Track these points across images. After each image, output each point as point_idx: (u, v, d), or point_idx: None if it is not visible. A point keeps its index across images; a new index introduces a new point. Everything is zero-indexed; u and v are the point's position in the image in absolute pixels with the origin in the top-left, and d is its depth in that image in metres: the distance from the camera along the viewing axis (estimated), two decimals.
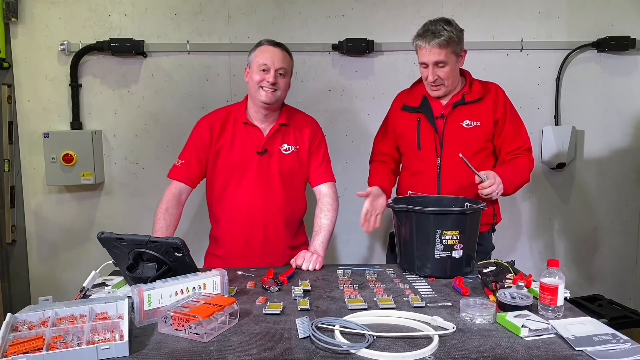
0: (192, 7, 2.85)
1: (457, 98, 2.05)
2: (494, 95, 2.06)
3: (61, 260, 2.95)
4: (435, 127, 2.06)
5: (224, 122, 2.05)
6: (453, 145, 2.03)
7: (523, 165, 2.02)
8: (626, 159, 3.05)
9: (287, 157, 2.06)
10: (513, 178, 1.94)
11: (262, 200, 2.03)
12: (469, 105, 2.04)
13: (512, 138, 2.05)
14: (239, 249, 2.05)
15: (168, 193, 2.04)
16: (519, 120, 2.11)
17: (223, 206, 2.07)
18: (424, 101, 2.09)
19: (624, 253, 3.12)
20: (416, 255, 1.77)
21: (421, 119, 2.08)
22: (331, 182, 2.14)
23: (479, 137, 2.05)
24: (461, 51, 2.01)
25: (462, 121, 2.04)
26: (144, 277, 1.53)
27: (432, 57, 1.94)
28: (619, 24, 2.93)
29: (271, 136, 2.04)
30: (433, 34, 1.93)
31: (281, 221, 2.06)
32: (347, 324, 1.31)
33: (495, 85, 2.11)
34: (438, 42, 1.92)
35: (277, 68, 1.95)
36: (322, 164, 2.13)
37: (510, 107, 2.08)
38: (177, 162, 2.07)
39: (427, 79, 2.00)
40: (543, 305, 1.40)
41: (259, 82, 1.95)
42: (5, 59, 2.79)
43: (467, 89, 2.07)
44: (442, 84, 2.01)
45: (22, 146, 2.88)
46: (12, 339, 1.21)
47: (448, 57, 1.94)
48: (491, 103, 2.05)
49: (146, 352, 1.22)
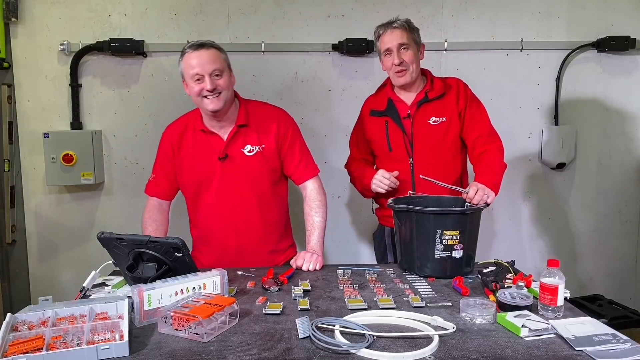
0: (192, 7, 2.85)
1: (420, 97, 2.10)
2: (455, 89, 2.11)
3: (61, 260, 2.96)
4: (402, 128, 2.10)
5: (182, 133, 1.98)
6: (423, 142, 2.09)
7: (493, 158, 2.02)
8: (626, 159, 3.05)
9: (251, 159, 1.95)
10: (495, 178, 1.93)
11: (231, 206, 1.96)
12: (433, 102, 2.09)
13: (474, 126, 2.08)
14: (216, 256, 1.99)
15: (148, 204, 2.04)
16: (480, 106, 2.13)
17: (198, 214, 2.02)
18: (390, 104, 2.14)
19: (624, 253, 3.12)
20: (416, 255, 1.77)
21: (389, 122, 2.12)
22: (315, 176, 2.07)
23: (447, 132, 2.09)
24: (421, 44, 2.09)
25: (429, 118, 2.09)
26: (144, 277, 1.53)
27: (395, 39, 2.02)
28: (619, 24, 2.93)
29: (230, 140, 1.94)
30: (393, 21, 2.06)
31: (257, 225, 1.99)
32: (347, 324, 1.31)
33: (456, 79, 2.16)
34: (399, 25, 2.03)
35: (210, 72, 1.81)
36: (301, 161, 2.03)
37: (470, 97, 2.11)
38: (151, 177, 2.06)
39: (393, 64, 2.04)
40: (543, 305, 1.40)
41: (199, 93, 1.83)
42: (5, 59, 2.79)
43: (429, 86, 2.11)
44: (406, 69, 2.04)
45: (22, 146, 2.89)
46: (12, 339, 1.21)
47: (410, 41, 2.03)
48: (454, 97, 2.10)
49: (146, 352, 1.22)
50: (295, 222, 2.21)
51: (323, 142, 2.95)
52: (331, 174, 2.81)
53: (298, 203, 2.15)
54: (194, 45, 1.84)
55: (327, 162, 2.88)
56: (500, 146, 2.07)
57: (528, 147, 3.03)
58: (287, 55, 2.90)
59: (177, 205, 2.15)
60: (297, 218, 2.19)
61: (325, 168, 2.84)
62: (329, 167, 2.84)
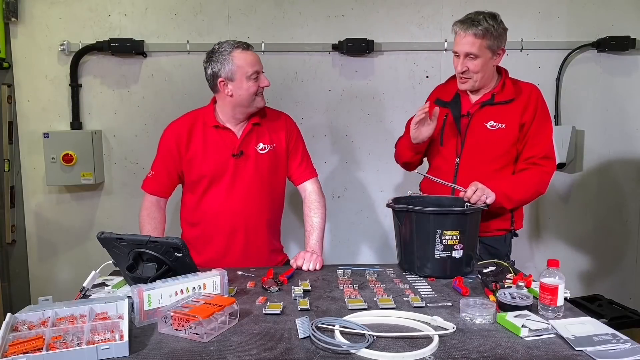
0: (192, 7, 2.85)
1: (486, 97, 1.98)
2: (527, 97, 1.96)
3: (61, 260, 2.96)
4: (458, 126, 2.00)
5: (191, 128, 1.97)
6: (474, 145, 1.98)
7: (530, 177, 1.92)
8: (626, 159, 3.05)
9: (264, 157, 1.99)
10: (512, 192, 1.86)
11: (242, 203, 1.97)
12: (497, 106, 1.96)
13: (532, 144, 1.95)
14: (220, 255, 1.98)
15: (146, 202, 2.04)
16: (546, 125, 1.97)
17: (202, 212, 2.00)
18: (456, 97, 2.03)
19: (624, 253, 3.12)
20: (416, 255, 1.77)
21: (448, 115, 2.02)
22: (314, 177, 2.10)
23: (502, 140, 1.96)
24: (499, 49, 1.92)
25: (487, 122, 1.96)
26: (144, 277, 1.52)
27: (464, 47, 1.88)
28: (619, 24, 2.93)
29: (245, 137, 1.96)
30: (472, 22, 1.88)
31: (263, 224, 2.01)
32: (347, 324, 1.31)
33: (531, 86, 2.00)
34: (474, 32, 1.86)
35: (263, 70, 1.91)
36: (302, 162, 2.08)
37: (540, 112, 1.96)
38: (149, 173, 2.05)
39: (457, 69, 1.95)
40: (543, 305, 1.40)
41: (257, 92, 1.88)
42: (5, 59, 2.79)
43: (499, 88, 1.98)
44: (469, 78, 1.94)
45: (22, 146, 2.89)
46: (12, 339, 1.21)
47: (481, 50, 1.88)
48: (521, 106, 1.95)
49: (146, 352, 1.22)
50: (295, 223, 2.21)
51: (323, 142, 2.95)
52: (331, 173, 2.81)
53: (298, 204, 2.15)
54: (244, 45, 1.88)
55: (327, 162, 2.88)
56: (548, 171, 1.95)
57: None
58: (287, 55, 2.90)
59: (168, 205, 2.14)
60: (296, 218, 2.19)
61: (325, 168, 2.85)
62: (329, 167, 2.84)
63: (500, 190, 1.85)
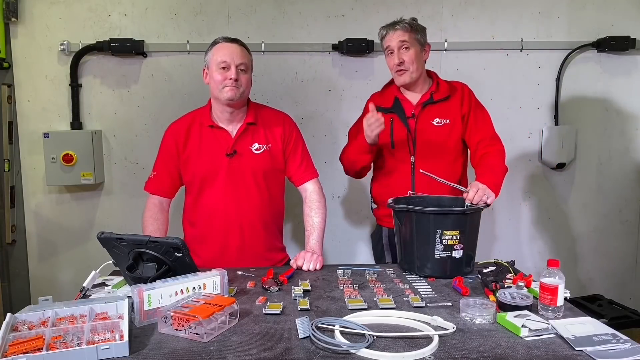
0: (192, 7, 2.85)
1: (426, 97, 2.13)
2: (460, 92, 2.15)
3: (61, 260, 2.96)
4: (407, 126, 2.12)
5: (189, 128, 1.99)
6: (426, 142, 2.11)
7: (494, 161, 2.03)
8: (626, 159, 3.05)
9: (259, 157, 1.99)
10: (496, 179, 1.94)
11: (236, 203, 1.98)
12: (437, 104, 2.13)
13: (476, 129, 2.12)
14: (216, 254, 1.98)
15: (149, 203, 2.04)
16: (484, 111, 2.17)
17: (199, 211, 2.02)
18: (396, 102, 2.16)
19: (624, 253, 3.12)
20: (416, 255, 1.77)
21: (394, 119, 2.13)
22: (315, 178, 2.11)
23: (450, 134, 2.12)
24: (425, 44, 2.12)
25: (433, 119, 2.12)
26: (144, 277, 1.53)
27: (397, 38, 2.05)
28: (619, 24, 2.93)
29: (239, 136, 1.98)
30: (396, 22, 2.08)
31: (259, 223, 2.01)
32: (347, 324, 1.31)
33: (461, 83, 2.20)
34: (401, 26, 2.05)
35: (238, 64, 1.89)
36: (302, 162, 2.09)
37: (475, 101, 2.16)
38: (151, 174, 2.06)
39: (394, 63, 2.07)
40: (543, 305, 1.40)
41: (222, 82, 1.88)
42: (5, 59, 2.79)
43: (434, 88, 2.15)
44: (406, 69, 2.06)
45: (22, 146, 2.88)
46: (12, 339, 1.21)
47: (412, 41, 2.06)
48: (458, 100, 2.13)
49: (146, 352, 1.22)
50: (295, 223, 2.21)
51: (323, 142, 2.95)
52: (331, 173, 2.81)
53: (298, 205, 2.15)
54: (229, 39, 1.94)
55: (327, 162, 2.88)
56: (502, 149, 2.10)
57: (528, 147, 3.03)
58: (287, 55, 2.90)
59: (172, 205, 2.15)
60: (297, 219, 2.19)
61: (325, 168, 2.85)
62: (329, 167, 2.84)
63: (489, 182, 1.87)
